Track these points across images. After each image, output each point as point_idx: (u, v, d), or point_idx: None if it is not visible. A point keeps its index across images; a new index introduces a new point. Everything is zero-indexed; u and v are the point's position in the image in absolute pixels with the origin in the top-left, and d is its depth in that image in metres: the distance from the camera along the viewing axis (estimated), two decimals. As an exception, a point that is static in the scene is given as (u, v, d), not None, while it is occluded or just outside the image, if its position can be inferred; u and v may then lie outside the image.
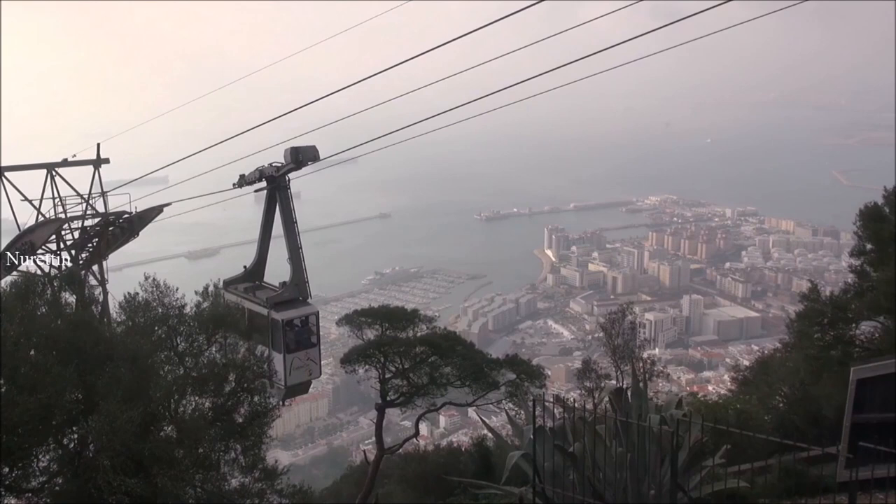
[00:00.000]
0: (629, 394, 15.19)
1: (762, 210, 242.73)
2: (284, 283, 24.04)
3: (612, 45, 16.63)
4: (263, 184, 24.32)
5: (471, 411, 31.56)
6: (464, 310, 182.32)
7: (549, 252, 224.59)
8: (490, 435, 25.10)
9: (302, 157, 22.94)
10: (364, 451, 38.13)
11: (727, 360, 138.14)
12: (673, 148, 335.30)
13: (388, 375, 27.30)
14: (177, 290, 20.72)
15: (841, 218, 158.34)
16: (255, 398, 20.11)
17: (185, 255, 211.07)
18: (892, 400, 16.34)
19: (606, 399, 15.82)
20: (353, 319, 28.43)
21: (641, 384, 14.84)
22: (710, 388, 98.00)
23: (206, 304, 20.57)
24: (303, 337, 23.21)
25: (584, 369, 31.21)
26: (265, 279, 25.91)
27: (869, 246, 28.27)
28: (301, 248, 24.53)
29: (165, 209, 34.05)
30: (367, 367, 27.82)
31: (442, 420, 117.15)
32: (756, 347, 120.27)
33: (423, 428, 60.01)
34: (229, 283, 24.44)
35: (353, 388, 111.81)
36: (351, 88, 19.62)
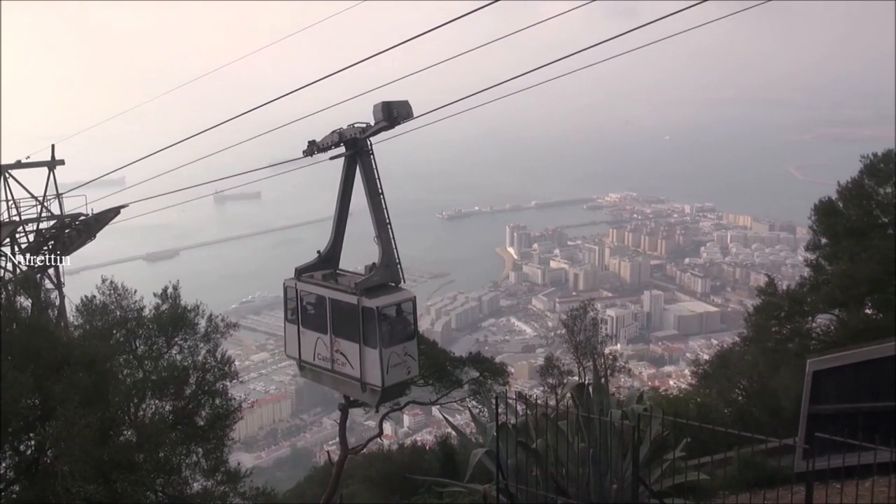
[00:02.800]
0: (591, 390, 15.30)
1: (720, 206, 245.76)
2: (373, 265, 20.70)
3: (579, 49, 16.69)
4: (340, 150, 20.74)
5: (435, 410, 31.54)
6: (427, 308, 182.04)
7: (510, 250, 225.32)
8: (454, 433, 25.14)
9: (397, 112, 19.46)
10: (328, 452, 37.82)
11: (687, 354, 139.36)
12: (632, 145, 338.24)
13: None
14: (135, 292, 20.51)
15: (797, 213, 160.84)
16: (217, 400, 19.99)
17: (143, 257, 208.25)
18: (847, 391, 16.68)
19: (568, 395, 15.92)
20: (316, 320, 28.22)
21: (603, 380, 14.97)
22: (671, 382, 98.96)
23: (165, 307, 20.34)
24: (398, 328, 20.01)
25: (547, 366, 31.42)
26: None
27: (824, 240, 28.83)
28: (390, 223, 21.03)
29: (123, 211, 33.59)
30: (329, 367, 27.65)
31: (406, 419, 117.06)
32: (715, 341, 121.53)
33: (387, 427, 59.93)
34: (303, 271, 21.34)
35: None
36: (313, 88, 19.52)
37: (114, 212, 33.44)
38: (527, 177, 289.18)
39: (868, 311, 26.92)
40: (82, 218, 33.16)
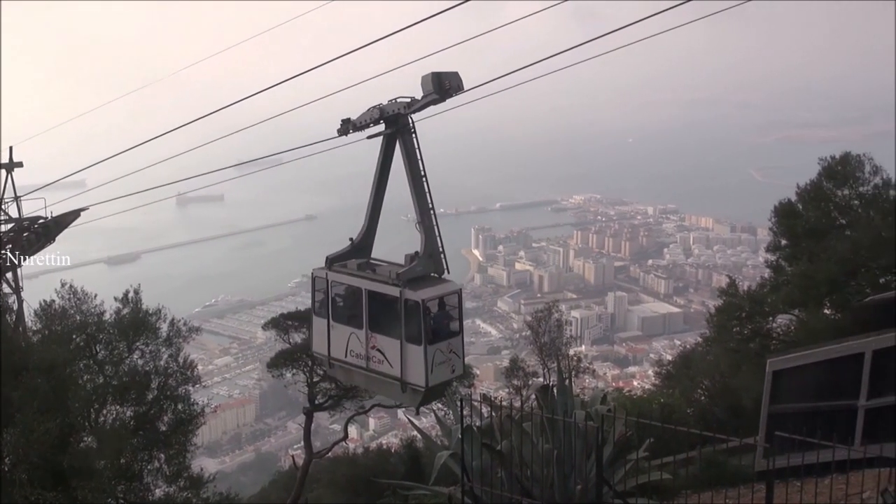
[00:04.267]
0: (555, 391, 15.38)
1: (683, 208, 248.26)
2: (415, 254, 19.28)
3: (548, 56, 16.69)
4: (378, 128, 18.98)
5: (400, 413, 31.52)
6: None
7: (476, 252, 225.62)
8: (419, 436, 25.12)
9: (449, 84, 17.60)
10: (293, 456, 37.69)
11: (651, 355, 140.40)
12: (597, 147, 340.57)
13: (315, 379, 27.09)
14: (95, 296, 20.24)
15: (758, 215, 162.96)
16: (179, 405, 19.81)
17: (104, 260, 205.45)
18: (806, 390, 16.93)
19: (533, 397, 15.99)
20: (280, 323, 28.15)
21: (567, 381, 15.04)
22: (634, 383, 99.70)
23: (126, 311, 20.10)
24: (443, 323, 18.45)
25: (512, 368, 31.48)
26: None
27: (784, 242, 29.25)
28: (433, 208, 19.53)
29: (84, 214, 33.12)
30: (294, 370, 27.55)
31: (371, 422, 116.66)
32: (678, 342, 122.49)
33: (353, 431, 59.72)
34: (335, 260, 19.67)
35: (281, 392, 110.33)
36: (278, 90, 19.20)
37: (74, 214, 32.95)
38: (492, 179, 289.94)
39: (827, 311, 27.32)
40: (41, 221, 32.65)
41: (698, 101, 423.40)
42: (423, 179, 19.24)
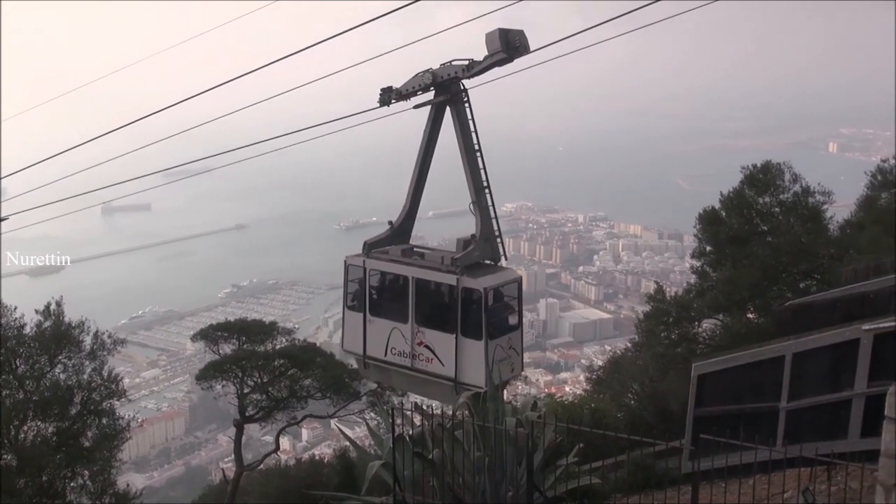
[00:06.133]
0: (486, 398, 15.43)
1: (612, 215, 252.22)
2: (471, 237, 17.52)
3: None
4: (428, 96, 16.96)
5: (333, 423, 31.26)
6: (324, 321, 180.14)
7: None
8: (352, 446, 24.95)
9: (519, 41, 15.42)
10: (223, 469, 37.03)
11: (582, 360, 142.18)
12: (527, 155, 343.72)
13: (246, 390, 26.71)
14: (15, 309, 19.67)
15: (684, 222, 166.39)
16: (104, 420, 19.37)
17: (25, 272, 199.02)
18: (729, 393, 17.34)
19: (465, 404, 16.01)
20: (209, 334, 27.66)
21: (498, 388, 15.07)
22: (566, 388, 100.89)
23: (47, 324, 19.57)
24: (502, 316, 16.79)
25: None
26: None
27: (708, 248, 29.96)
28: (489, 186, 17.82)
29: (3, 224, 32.07)
30: (224, 382, 27.11)
31: (304, 433, 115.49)
32: (609, 347, 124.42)
33: (285, 442, 59.08)
34: (374, 246, 17.87)
35: (211, 405, 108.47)
36: (205, 96, 18.82)
37: (-9, 225, 31.90)
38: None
39: (750, 316, 28.02)
40: (-44, 232, 31.54)
41: (627, 111, 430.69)
42: (478, 154, 17.57)
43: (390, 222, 18.60)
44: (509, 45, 15.26)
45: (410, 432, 14.55)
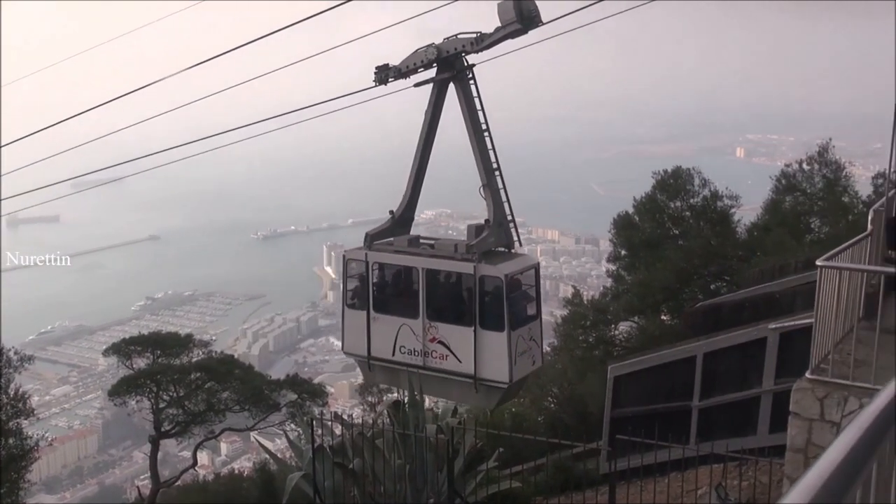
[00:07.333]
0: (406, 406, 15.40)
1: (529, 220, 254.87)
2: (485, 222, 16.21)
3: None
4: (428, 74, 15.82)
5: (252, 436, 30.74)
6: (243, 332, 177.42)
7: (328, 269, 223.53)
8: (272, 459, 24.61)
9: (535, 11, 14.33)
10: (138, 487, 35.89)
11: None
12: (446, 162, 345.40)
13: (161, 405, 26.05)
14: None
15: (599, 226, 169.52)
16: (11, 440, 18.68)
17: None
18: (643, 394, 17.74)
19: (385, 413, 15.96)
20: (122, 348, 26.90)
21: (418, 396, 15.04)
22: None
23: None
24: (522, 305, 15.62)
25: (366, 385, 31.27)
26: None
27: (623, 252, 30.63)
28: (499, 169, 16.78)
29: None
30: (138, 397, 26.38)
31: (223, 447, 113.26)
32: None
33: (203, 457, 57.90)
34: (376, 237, 16.75)
35: (125, 421, 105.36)
36: (112, 105, 18.29)
37: None
38: (343, 195, 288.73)
39: (664, 317, 28.72)
40: None
41: (545, 118, 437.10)
42: (487, 134, 16.66)
43: (391, 212, 17.42)
44: (524, 16, 14.29)
45: (331, 442, 14.43)
